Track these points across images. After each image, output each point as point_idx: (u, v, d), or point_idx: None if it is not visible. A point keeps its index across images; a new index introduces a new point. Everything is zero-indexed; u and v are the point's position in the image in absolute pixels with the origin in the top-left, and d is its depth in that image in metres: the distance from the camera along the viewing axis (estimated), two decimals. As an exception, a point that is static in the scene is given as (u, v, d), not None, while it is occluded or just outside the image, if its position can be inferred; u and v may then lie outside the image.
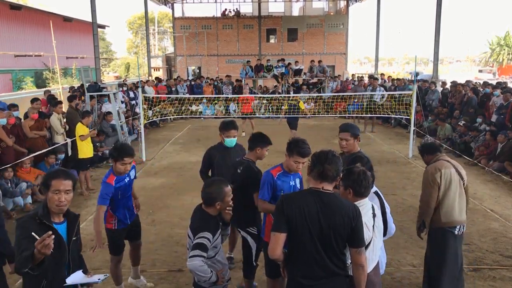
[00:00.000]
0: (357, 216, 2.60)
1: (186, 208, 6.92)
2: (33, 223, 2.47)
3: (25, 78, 25.79)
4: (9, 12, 25.10)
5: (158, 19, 52.28)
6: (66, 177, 2.57)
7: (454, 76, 20.30)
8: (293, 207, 2.59)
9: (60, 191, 2.52)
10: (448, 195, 3.92)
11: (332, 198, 2.64)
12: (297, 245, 2.61)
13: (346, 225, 2.55)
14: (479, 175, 8.87)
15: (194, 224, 3.04)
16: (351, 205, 2.65)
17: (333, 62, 32.79)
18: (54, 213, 2.57)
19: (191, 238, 2.97)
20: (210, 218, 3.03)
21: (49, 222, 2.52)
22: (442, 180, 3.91)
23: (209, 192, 3.04)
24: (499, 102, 10.75)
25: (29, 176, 7.61)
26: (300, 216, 2.56)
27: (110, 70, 44.16)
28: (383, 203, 3.34)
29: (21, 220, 2.53)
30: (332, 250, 2.57)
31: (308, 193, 2.68)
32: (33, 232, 2.34)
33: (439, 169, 3.93)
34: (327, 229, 2.55)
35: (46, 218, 2.52)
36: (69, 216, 2.67)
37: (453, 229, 3.93)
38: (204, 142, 12.76)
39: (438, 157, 4.10)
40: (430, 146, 4.25)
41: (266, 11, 34.43)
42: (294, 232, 2.59)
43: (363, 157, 3.67)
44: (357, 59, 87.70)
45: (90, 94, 11.15)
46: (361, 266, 2.62)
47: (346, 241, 2.60)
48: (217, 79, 21.78)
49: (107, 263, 5.04)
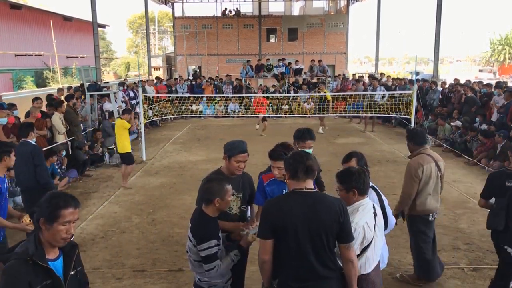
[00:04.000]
0: (344, 211, 2.61)
1: (186, 208, 6.93)
2: (24, 267, 2.00)
3: (25, 77, 25.81)
4: (9, 11, 25.11)
5: (159, 19, 52.28)
6: (77, 204, 2.18)
7: (455, 76, 20.23)
8: (278, 212, 2.58)
9: (71, 221, 2.12)
10: (425, 188, 4.21)
11: (317, 196, 2.65)
12: (285, 249, 2.59)
13: (334, 221, 2.56)
14: (479, 175, 8.86)
15: (195, 229, 2.91)
16: (337, 201, 2.66)
17: (333, 61, 32.77)
18: (50, 248, 2.14)
19: (191, 241, 2.91)
20: (210, 220, 2.91)
21: (45, 263, 2.07)
22: (423, 175, 4.17)
23: (209, 187, 2.91)
24: (500, 102, 10.72)
25: (29, 175, 7.59)
26: (285, 220, 2.54)
27: (110, 69, 44.15)
28: (380, 196, 3.38)
29: (10, 264, 2.02)
30: (322, 249, 2.57)
31: (292, 195, 2.66)
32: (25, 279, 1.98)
33: (421, 164, 4.17)
34: (316, 228, 2.54)
35: (41, 258, 2.05)
36: (64, 248, 2.20)
37: (427, 216, 4.31)
38: (204, 141, 12.77)
39: (422, 150, 4.26)
40: (420, 135, 4.37)
41: (266, 11, 34.42)
42: (281, 237, 2.57)
43: (357, 152, 3.69)
44: (357, 58, 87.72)
45: (90, 93, 11.15)
46: (350, 261, 2.62)
47: (335, 238, 2.60)
48: (217, 78, 21.78)
49: (107, 262, 5.06)
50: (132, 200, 7.44)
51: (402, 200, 4.30)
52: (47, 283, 2.04)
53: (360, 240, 2.86)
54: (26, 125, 5.63)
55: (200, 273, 2.99)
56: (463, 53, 78.63)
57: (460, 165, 9.72)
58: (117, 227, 6.21)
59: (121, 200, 7.39)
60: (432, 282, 4.52)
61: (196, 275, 3.07)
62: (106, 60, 46.98)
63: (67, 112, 9.29)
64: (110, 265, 5.01)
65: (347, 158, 3.58)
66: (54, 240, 2.11)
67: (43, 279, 2.03)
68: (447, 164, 9.76)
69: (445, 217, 6.48)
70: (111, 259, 5.15)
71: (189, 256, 3.00)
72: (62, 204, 2.10)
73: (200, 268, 2.93)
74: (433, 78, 19.37)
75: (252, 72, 19.46)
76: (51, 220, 2.07)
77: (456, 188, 7.93)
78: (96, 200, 7.50)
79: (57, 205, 2.09)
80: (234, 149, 3.33)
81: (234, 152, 3.33)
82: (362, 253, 2.91)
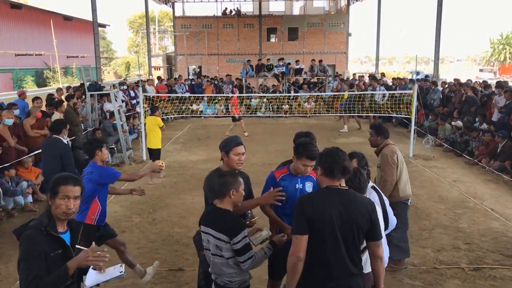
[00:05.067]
0: (374, 210, 2.68)
1: (187, 207, 6.94)
2: (39, 236, 2.32)
3: (25, 77, 25.80)
4: (10, 11, 25.10)
5: (159, 18, 52.25)
6: (76, 183, 2.47)
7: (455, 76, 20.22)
8: (314, 207, 2.58)
9: (69, 197, 2.42)
10: (402, 173, 4.65)
11: (350, 194, 2.68)
12: (317, 246, 2.59)
13: (366, 219, 2.60)
14: (480, 175, 8.87)
15: (222, 224, 2.84)
16: (368, 200, 2.73)
17: (333, 61, 32.73)
18: (59, 222, 2.45)
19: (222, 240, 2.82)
20: (231, 213, 2.91)
21: (56, 233, 2.39)
22: (398, 162, 4.60)
23: (224, 180, 2.90)
24: (501, 102, 10.69)
25: (30, 175, 7.61)
26: (321, 216, 2.55)
27: (111, 69, 44.17)
28: (381, 196, 3.38)
29: (27, 233, 2.34)
30: (354, 246, 2.60)
31: (327, 191, 2.67)
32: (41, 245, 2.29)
33: (394, 152, 4.58)
34: (349, 226, 2.56)
35: (53, 228, 2.39)
36: (71, 224, 2.56)
37: (407, 201, 4.76)
38: (204, 141, 12.78)
39: (388, 142, 4.67)
40: (386, 129, 4.76)
41: (266, 10, 34.38)
42: (316, 233, 2.57)
43: (358, 153, 3.69)
44: (358, 58, 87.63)
45: (90, 93, 11.15)
46: (379, 258, 2.66)
47: (364, 236, 2.64)
48: (217, 78, 21.77)
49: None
50: (133, 199, 7.43)
51: (386, 189, 4.51)
52: (58, 252, 2.35)
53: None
54: (59, 122, 5.88)
55: (229, 274, 2.89)
56: (463, 52, 78.78)
57: (460, 165, 9.72)
58: (117, 226, 6.20)
59: (121, 200, 7.39)
60: (432, 281, 4.54)
61: (224, 278, 2.93)
62: (107, 59, 46.98)
63: (68, 111, 9.28)
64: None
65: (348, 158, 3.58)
66: (57, 214, 2.42)
67: (55, 248, 2.35)
68: (447, 164, 9.84)
69: (445, 217, 6.48)
70: (111, 258, 5.06)
71: (217, 259, 2.88)
72: (61, 181, 2.44)
73: (231, 267, 2.87)
74: (433, 77, 19.36)
75: (253, 71, 19.46)
76: (53, 195, 2.41)
77: (456, 188, 7.93)
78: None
79: (57, 182, 2.44)
80: (230, 143, 3.36)
81: (230, 145, 3.34)
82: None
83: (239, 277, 2.91)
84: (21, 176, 7.42)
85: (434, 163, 9.87)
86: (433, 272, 4.81)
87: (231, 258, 2.86)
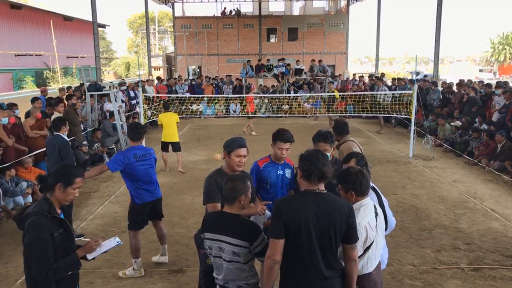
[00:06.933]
0: (352, 213, 2.68)
1: (187, 208, 6.93)
2: (44, 220, 2.58)
3: (25, 77, 25.80)
4: (10, 11, 25.11)
5: (159, 19, 52.28)
6: (82, 174, 2.85)
7: (455, 76, 20.30)
8: (291, 211, 2.57)
9: (79, 187, 2.81)
10: None
11: (328, 197, 2.66)
12: (294, 249, 2.59)
13: (343, 222, 2.60)
14: (480, 175, 8.86)
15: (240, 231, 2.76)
16: (346, 203, 2.71)
17: (333, 61, 32.77)
18: (57, 206, 2.74)
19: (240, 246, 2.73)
20: (242, 218, 2.87)
21: (58, 215, 2.70)
22: None
23: (234, 186, 2.83)
24: (501, 102, 10.70)
25: (29, 175, 7.61)
26: (298, 220, 2.54)
27: (111, 69, 44.17)
28: (380, 197, 3.36)
29: (32, 219, 2.57)
30: (330, 249, 2.60)
31: (305, 195, 2.66)
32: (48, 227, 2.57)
33: (351, 148, 4.49)
34: (326, 229, 2.56)
35: (55, 212, 2.69)
36: (63, 206, 2.88)
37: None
38: (204, 141, 12.77)
39: (346, 138, 4.70)
40: (344, 126, 4.77)
41: (266, 11, 34.40)
42: (292, 236, 2.57)
43: (357, 153, 3.68)
44: (358, 58, 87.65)
45: (90, 93, 11.15)
46: (354, 261, 2.70)
47: (341, 239, 2.64)
48: (217, 78, 21.76)
49: (107, 262, 5.06)
50: (132, 200, 7.42)
51: None
52: (61, 231, 2.65)
53: (363, 240, 2.87)
54: (59, 119, 5.99)
55: (245, 277, 2.82)
56: (463, 53, 78.77)
57: (460, 165, 9.72)
58: (117, 226, 6.20)
59: (121, 200, 7.38)
60: (432, 281, 4.53)
61: (238, 282, 2.83)
62: (106, 60, 47.02)
63: (67, 112, 9.28)
64: (111, 265, 5.02)
65: (347, 159, 3.57)
66: (64, 200, 2.74)
67: (58, 229, 2.64)
68: (447, 164, 9.85)
69: (445, 217, 6.48)
70: (111, 259, 5.15)
71: (234, 265, 2.78)
72: (78, 173, 2.80)
73: (247, 271, 2.81)
74: (433, 78, 19.36)
75: (252, 72, 19.46)
76: (67, 184, 2.70)
77: (456, 188, 7.93)
78: (96, 199, 7.50)
79: (73, 174, 2.76)
80: (233, 144, 3.38)
81: (233, 146, 3.37)
82: (365, 253, 2.93)
83: (254, 279, 2.88)
84: (21, 177, 7.42)
85: (434, 163, 9.87)
86: (433, 272, 4.80)
87: (249, 262, 2.82)
